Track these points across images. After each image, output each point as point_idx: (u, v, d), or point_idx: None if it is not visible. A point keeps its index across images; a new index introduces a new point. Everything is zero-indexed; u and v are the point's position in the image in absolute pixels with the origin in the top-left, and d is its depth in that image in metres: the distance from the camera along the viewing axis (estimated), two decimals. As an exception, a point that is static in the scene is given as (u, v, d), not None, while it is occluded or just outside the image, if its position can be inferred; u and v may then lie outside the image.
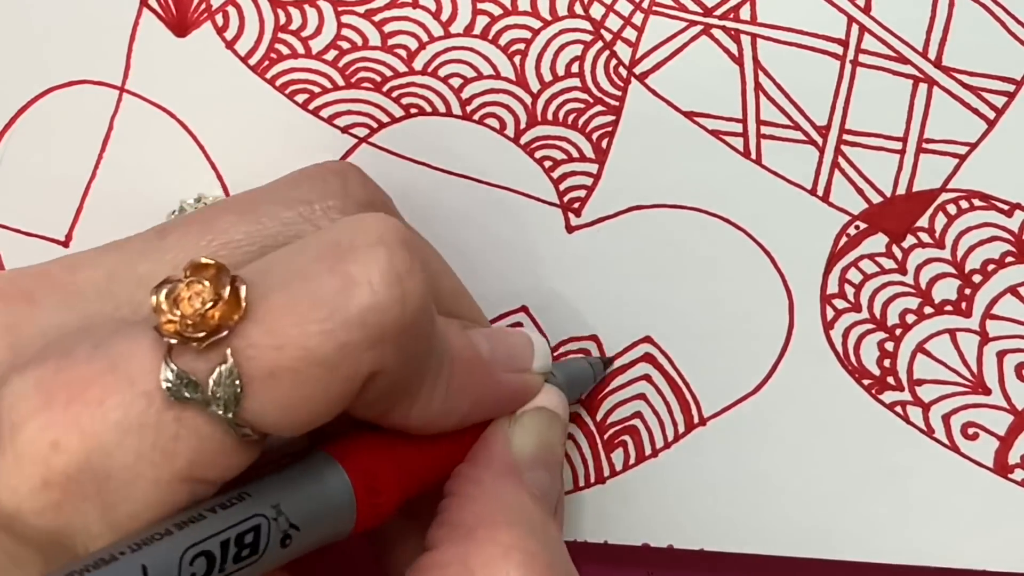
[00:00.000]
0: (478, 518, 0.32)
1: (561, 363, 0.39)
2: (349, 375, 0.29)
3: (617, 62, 0.39)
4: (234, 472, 0.29)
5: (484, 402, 0.35)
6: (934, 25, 0.38)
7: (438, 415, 0.33)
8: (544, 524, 0.33)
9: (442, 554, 0.32)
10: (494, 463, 0.34)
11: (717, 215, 0.39)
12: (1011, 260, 0.39)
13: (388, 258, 0.29)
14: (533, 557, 0.31)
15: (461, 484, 0.34)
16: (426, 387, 0.32)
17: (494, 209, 0.40)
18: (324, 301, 0.28)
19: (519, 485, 0.34)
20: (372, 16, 0.39)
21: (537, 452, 0.35)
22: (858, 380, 0.40)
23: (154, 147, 0.40)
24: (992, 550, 0.40)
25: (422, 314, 0.29)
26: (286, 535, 0.30)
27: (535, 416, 0.36)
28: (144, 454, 0.28)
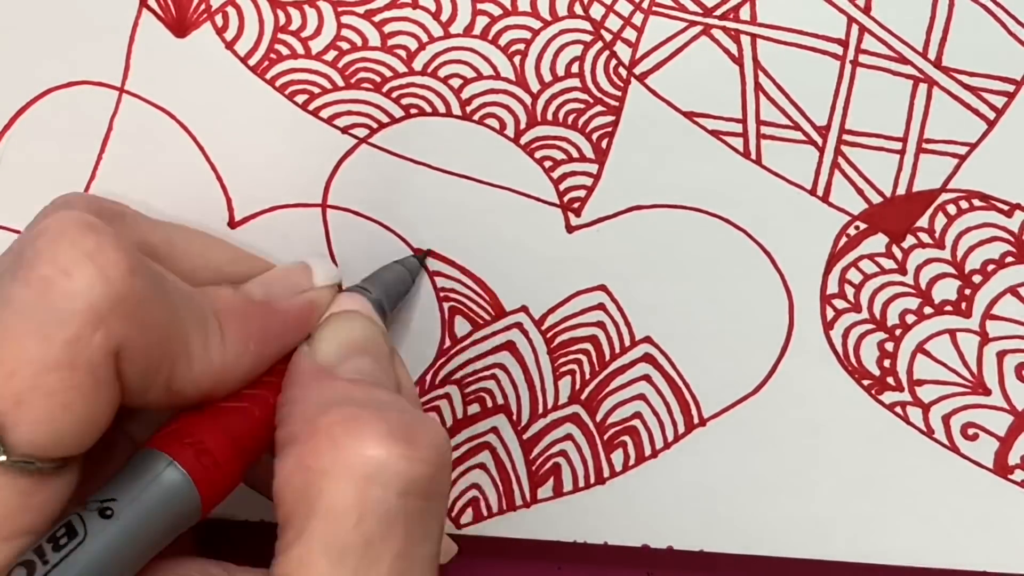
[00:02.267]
0: (298, 423, 0.32)
1: (372, 274, 0.39)
2: (90, 364, 0.29)
3: (617, 62, 0.39)
4: (52, 508, 0.30)
5: (271, 335, 0.35)
6: (934, 25, 0.38)
7: (224, 367, 0.33)
8: (367, 394, 0.33)
9: (281, 472, 0.32)
10: (300, 377, 0.34)
11: (717, 215, 0.39)
12: (1011, 260, 0.39)
13: (72, 246, 0.29)
14: (356, 421, 0.31)
15: (280, 411, 0.34)
16: (195, 347, 0.32)
17: (494, 209, 0.40)
18: (30, 311, 0.29)
19: (331, 379, 0.34)
20: (372, 16, 0.39)
21: (342, 346, 0.35)
22: (858, 380, 0.40)
23: (154, 148, 0.40)
24: (992, 551, 0.40)
25: (134, 280, 0.30)
26: (105, 508, 0.30)
27: (327, 322, 0.36)
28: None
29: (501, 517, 0.41)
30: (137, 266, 0.30)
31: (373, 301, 0.37)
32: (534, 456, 0.41)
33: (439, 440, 0.32)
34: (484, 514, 0.41)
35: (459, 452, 0.41)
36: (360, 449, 0.31)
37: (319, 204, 0.40)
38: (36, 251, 0.30)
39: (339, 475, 0.30)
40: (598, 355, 0.40)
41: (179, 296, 0.32)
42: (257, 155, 0.40)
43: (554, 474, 0.41)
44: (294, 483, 0.31)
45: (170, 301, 0.31)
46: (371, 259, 0.40)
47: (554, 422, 0.41)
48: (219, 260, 0.37)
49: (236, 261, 0.38)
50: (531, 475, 0.41)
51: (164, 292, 0.31)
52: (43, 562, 0.29)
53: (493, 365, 0.40)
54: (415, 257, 0.40)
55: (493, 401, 0.41)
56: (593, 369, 0.40)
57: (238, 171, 0.40)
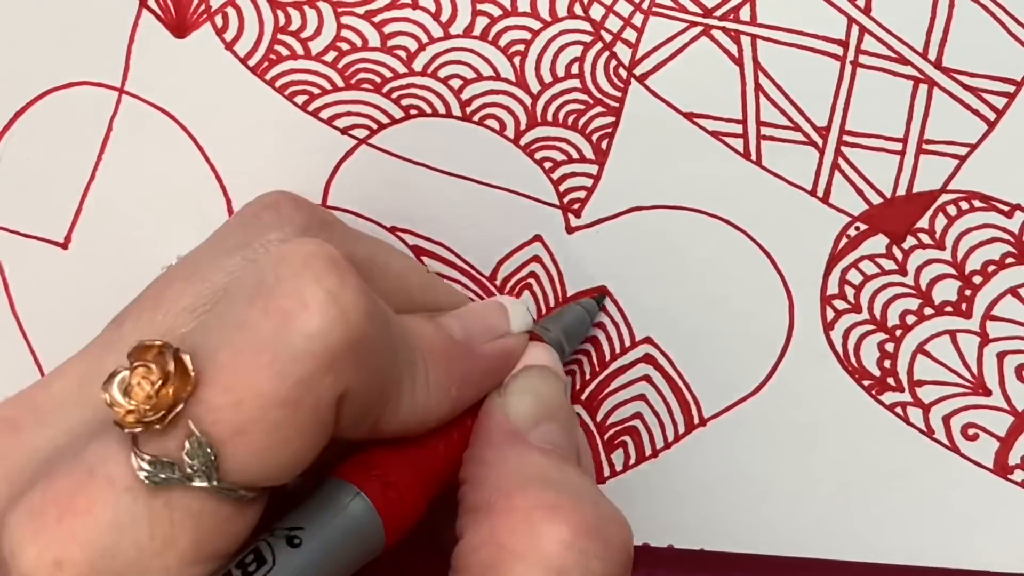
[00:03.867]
0: (493, 492, 0.32)
1: (553, 315, 0.39)
2: (315, 406, 0.29)
3: (617, 63, 0.39)
4: (243, 535, 0.30)
5: (472, 380, 0.34)
6: (934, 26, 0.38)
7: (428, 409, 0.33)
8: (562, 473, 0.33)
9: (470, 539, 0.31)
10: (493, 436, 0.34)
11: (717, 216, 0.39)
12: (1011, 261, 0.39)
13: (316, 281, 0.29)
14: (555, 509, 0.31)
15: (469, 468, 0.34)
16: (405, 388, 0.32)
17: (494, 210, 0.40)
18: (266, 343, 0.28)
19: (525, 447, 0.34)
20: (372, 17, 0.39)
21: (536, 409, 0.35)
22: (858, 381, 0.40)
23: (153, 148, 0.40)
24: (992, 550, 0.40)
25: (369, 325, 0.29)
26: (293, 536, 0.30)
27: (524, 376, 0.36)
28: (145, 547, 0.28)
29: (501, 517, 0.41)
30: (374, 311, 0.29)
31: (553, 342, 0.37)
32: (534, 456, 0.41)
33: (629, 540, 0.32)
34: (484, 514, 0.41)
35: (459, 452, 0.41)
36: (558, 541, 0.30)
37: (319, 205, 0.40)
38: (279, 279, 0.29)
39: (534, 564, 0.30)
40: (598, 355, 0.40)
41: (397, 334, 0.32)
42: (257, 156, 0.40)
43: (554, 474, 0.41)
44: (482, 555, 0.31)
45: (393, 342, 0.31)
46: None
47: (554, 422, 0.41)
48: (413, 283, 0.36)
49: (427, 287, 0.37)
50: (531, 475, 0.41)
51: (389, 335, 0.31)
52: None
53: (493, 365, 0.40)
54: (594, 299, 0.40)
55: (493, 401, 0.41)
56: (593, 369, 0.40)
57: (238, 172, 0.40)
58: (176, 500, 0.28)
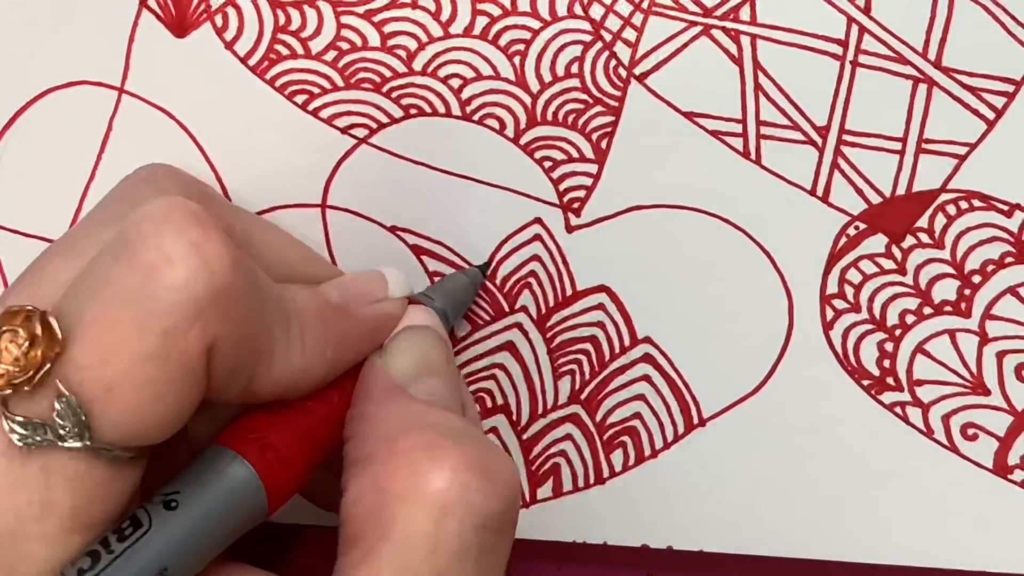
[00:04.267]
0: (375, 443, 0.32)
1: (436, 283, 0.39)
2: (183, 358, 0.29)
3: (617, 62, 0.39)
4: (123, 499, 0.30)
5: (348, 342, 0.34)
6: (934, 26, 0.38)
7: (303, 369, 0.33)
8: (443, 419, 0.33)
9: (354, 490, 0.32)
10: (374, 392, 0.34)
11: (717, 215, 0.39)
12: (1011, 261, 0.39)
13: (178, 234, 0.29)
14: (436, 449, 0.31)
15: (352, 425, 0.34)
16: (278, 347, 0.32)
17: (494, 209, 0.40)
18: (131, 298, 0.28)
19: (406, 399, 0.34)
20: (372, 17, 0.39)
21: (417, 364, 0.35)
22: (857, 381, 0.40)
23: (153, 148, 0.40)
24: (991, 551, 0.40)
25: (235, 275, 0.29)
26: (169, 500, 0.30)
27: (403, 334, 0.36)
28: (23, 512, 0.28)
29: (501, 517, 0.41)
30: (239, 261, 0.30)
31: (437, 311, 0.37)
32: (533, 456, 0.41)
33: (514, 475, 0.32)
34: (484, 514, 0.41)
35: (459, 452, 0.41)
36: (440, 479, 0.30)
37: (319, 204, 0.40)
38: (141, 235, 0.29)
39: (416, 502, 0.30)
40: (598, 355, 0.40)
41: (269, 293, 0.32)
42: (257, 155, 0.40)
43: (554, 474, 0.41)
44: (366, 503, 0.31)
45: (262, 298, 0.31)
46: (371, 260, 0.40)
47: (554, 422, 0.41)
48: (292, 258, 0.37)
49: (307, 261, 0.37)
50: (531, 475, 0.41)
51: (258, 288, 0.31)
52: (108, 552, 0.29)
53: (493, 365, 0.40)
54: (477, 268, 0.40)
55: (493, 401, 0.41)
56: (593, 369, 0.40)
57: (238, 171, 0.40)
58: (52, 463, 0.28)
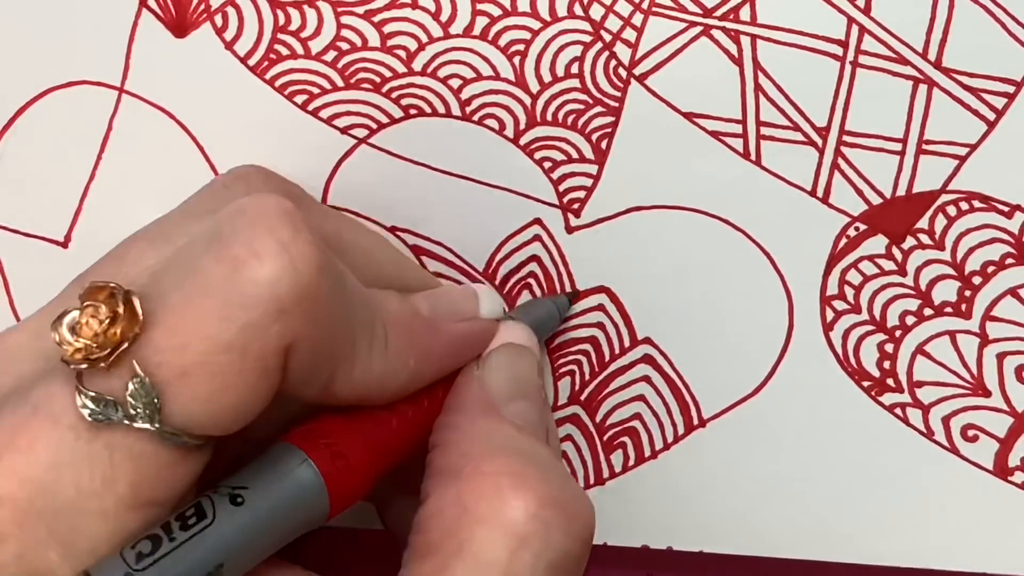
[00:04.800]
0: (463, 458, 0.32)
1: (523, 306, 0.39)
2: (262, 353, 0.29)
3: (617, 63, 0.39)
4: (184, 485, 0.30)
5: (433, 356, 0.35)
6: (934, 26, 0.38)
7: (384, 377, 0.33)
8: (532, 447, 0.33)
9: (435, 501, 0.32)
10: (469, 405, 0.34)
11: (717, 216, 0.39)
12: (1011, 262, 0.39)
13: (268, 232, 0.29)
14: (523, 478, 0.31)
15: (441, 433, 0.34)
16: (360, 351, 0.32)
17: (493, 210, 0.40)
18: (216, 288, 0.29)
19: (498, 419, 0.34)
20: (371, 17, 0.39)
21: (511, 384, 0.35)
22: (858, 382, 0.40)
23: (153, 148, 0.40)
24: (992, 552, 0.40)
25: (320, 278, 0.29)
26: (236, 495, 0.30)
27: (501, 352, 0.36)
28: (84, 487, 0.28)
29: (500, 518, 0.41)
30: (326, 264, 0.30)
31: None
32: (533, 457, 0.41)
33: (591, 520, 0.32)
34: (483, 515, 0.41)
35: (459, 453, 0.41)
36: (523, 509, 0.31)
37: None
38: (233, 228, 0.29)
39: (496, 528, 0.30)
40: (597, 356, 0.40)
41: (356, 298, 0.32)
42: (257, 155, 0.40)
43: (553, 475, 0.41)
44: (447, 517, 0.31)
45: (348, 301, 0.31)
46: (371, 259, 0.40)
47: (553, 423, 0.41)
48: (383, 261, 0.37)
49: (399, 265, 0.38)
50: (530, 476, 0.41)
51: (344, 292, 0.31)
52: (169, 539, 0.29)
53: (493, 366, 0.40)
54: (565, 296, 0.40)
55: (493, 402, 0.41)
56: (592, 370, 0.40)
57: (237, 171, 0.40)
58: (118, 441, 0.28)
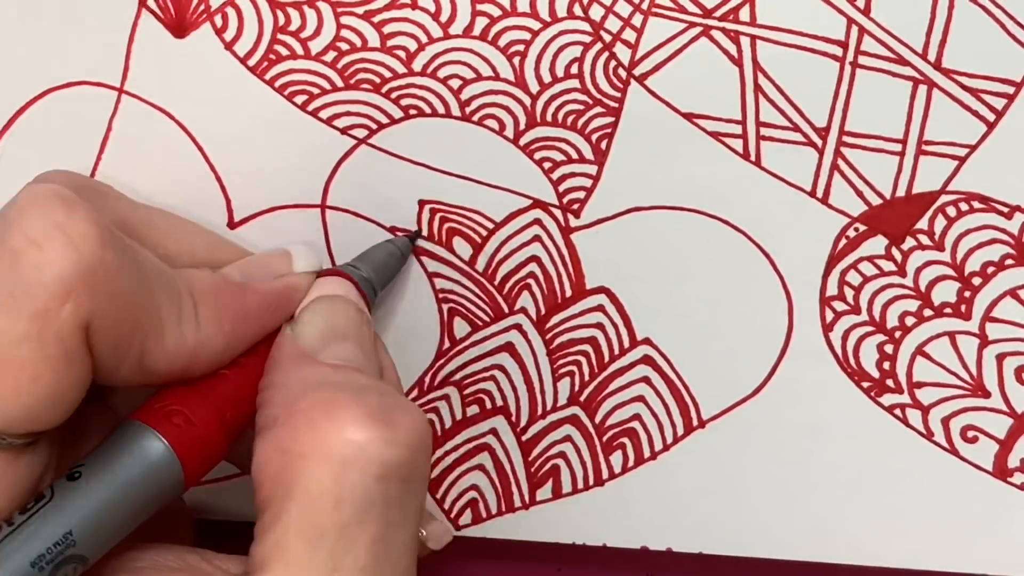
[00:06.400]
0: (280, 407, 0.32)
1: (362, 253, 0.39)
2: (59, 336, 0.29)
3: (616, 63, 0.39)
4: (25, 484, 0.30)
5: (248, 316, 0.35)
6: (934, 27, 0.38)
7: (200, 344, 0.33)
8: (347, 378, 0.33)
9: (259, 454, 0.32)
10: (283, 361, 0.34)
11: (716, 217, 0.39)
12: (1011, 263, 0.39)
13: (42, 216, 0.29)
14: (334, 404, 0.31)
15: (262, 394, 0.34)
16: (168, 323, 0.32)
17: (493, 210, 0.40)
18: (0, 284, 0.29)
19: (312, 364, 0.34)
20: (371, 17, 0.39)
21: (324, 331, 0.35)
22: (857, 383, 0.40)
23: (153, 148, 0.40)
24: (991, 554, 0.40)
25: (104, 251, 0.30)
26: (73, 472, 0.31)
27: (311, 305, 0.36)
28: None
29: (500, 519, 0.41)
30: (108, 238, 0.30)
31: (362, 280, 0.37)
32: (533, 457, 0.41)
33: (418, 424, 0.32)
34: (483, 515, 0.41)
35: (458, 454, 0.41)
36: (338, 432, 0.31)
37: (318, 205, 0.40)
38: (7, 222, 0.30)
39: (316, 458, 0.30)
40: (597, 357, 0.40)
41: (153, 271, 0.32)
42: (256, 156, 0.40)
43: (553, 476, 0.41)
44: (272, 466, 0.31)
45: (143, 275, 0.31)
46: (370, 260, 0.40)
47: (553, 424, 0.41)
48: (197, 245, 0.37)
49: (214, 248, 0.38)
50: (530, 477, 0.41)
51: (137, 266, 0.31)
52: (8, 524, 0.30)
53: (492, 367, 0.40)
54: (407, 237, 0.40)
55: (492, 403, 0.41)
56: (592, 371, 0.40)
57: (237, 172, 0.40)
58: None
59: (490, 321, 0.40)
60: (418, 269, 0.40)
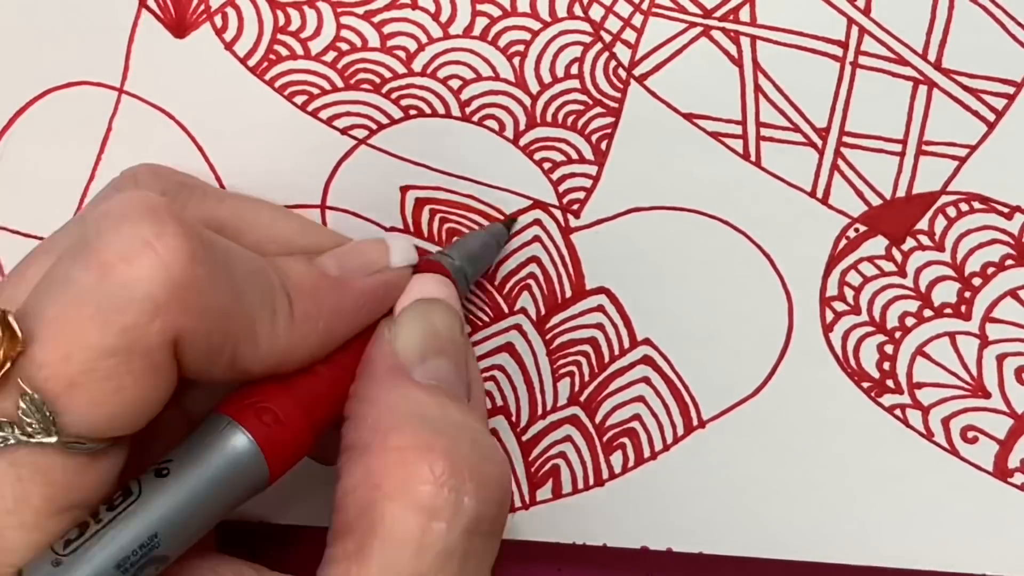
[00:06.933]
0: (371, 432, 0.32)
1: (457, 242, 0.39)
2: (146, 351, 0.29)
3: (616, 64, 0.39)
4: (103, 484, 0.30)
5: (343, 314, 0.34)
6: (934, 27, 0.38)
7: (294, 343, 0.33)
8: (443, 410, 0.33)
9: (348, 479, 0.32)
10: (378, 372, 0.34)
11: (716, 217, 0.39)
12: (1011, 263, 0.39)
13: (131, 231, 0.29)
14: (429, 449, 0.31)
15: (352, 405, 0.34)
16: (261, 326, 0.32)
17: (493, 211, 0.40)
18: (89, 296, 0.29)
19: (407, 384, 0.34)
20: (371, 17, 0.39)
21: (423, 342, 0.35)
22: (857, 383, 0.40)
23: (153, 148, 0.40)
24: (991, 554, 0.40)
25: (195, 267, 0.30)
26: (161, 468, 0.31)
27: (411, 310, 0.36)
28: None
29: (500, 519, 0.41)
30: (198, 252, 0.30)
31: (456, 270, 0.37)
32: (533, 458, 0.41)
33: (504, 478, 0.32)
34: (483, 516, 0.41)
35: (458, 454, 0.41)
36: (429, 481, 0.31)
37: (318, 205, 0.40)
38: (96, 232, 0.30)
39: (404, 504, 0.31)
40: (597, 357, 0.40)
41: (246, 274, 0.32)
42: (256, 156, 0.40)
43: (553, 476, 0.41)
44: (358, 497, 0.31)
45: (235, 283, 0.31)
46: (370, 260, 0.40)
47: (553, 424, 0.41)
48: (288, 232, 0.37)
49: (306, 233, 0.37)
50: (530, 477, 0.41)
51: (228, 275, 0.31)
52: (96, 521, 0.30)
53: (492, 367, 0.40)
54: (502, 224, 0.40)
55: (492, 403, 0.41)
56: (592, 371, 0.40)
57: (237, 172, 0.40)
58: (21, 459, 0.29)
59: (490, 321, 0.40)
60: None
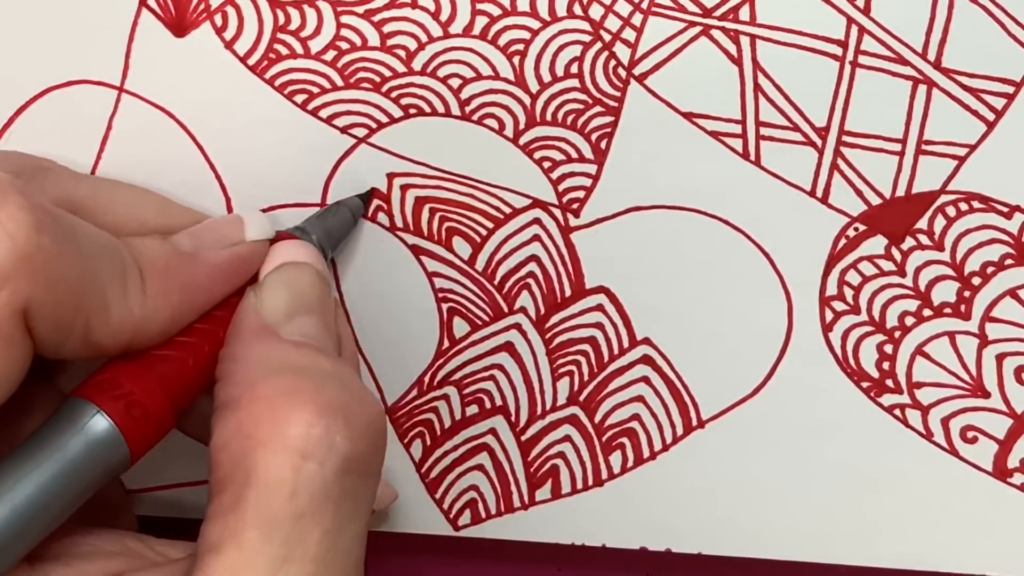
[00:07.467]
0: (240, 386, 0.32)
1: (312, 217, 0.39)
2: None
3: (616, 63, 0.39)
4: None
5: (197, 287, 0.35)
6: (933, 26, 0.38)
7: (148, 317, 0.33)
8: (310, 360, 0.33)
9: (219, 435, 0.32)
10: (245, 332, 0.34)
11: (716, 216, 0.39)
12: (1010, 263, 0.39)
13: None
14: (296, 393, 0.31)
15: (221, 366, 0.34)
16: (113, 298, 0.32)
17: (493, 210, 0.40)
18: None
19: (274, 340, 0.34)
20: (371, 16, 0.39)
21: (288, 302, 0.35)
22: (857, 383, 0.39)
23: (153, 147, 0.40)
24: (991, 554, 0.40)
25: (39, 235, 0.30)
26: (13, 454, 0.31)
27: (275, 273, 0.36)
28: None
29: (499, 519, 0.41)
30: (43, 222, 0.30)
31: (315, 244, 0.37)
32: (532, 458, 0.41)
33: (377, 418, 0.32)
34: (482, 516, 0.41)
35: (457, 454, 0.41)
36: (299, 424, 0.31)
37: (318, 204, 0.40)
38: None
39: (276, 448, 0.31)
40: (597, 357, 0.40)
41: (95, 248, 0.32)
42: (256, 155, 0.40)
43: (552, 476, 0.41)
44: (231, 449, 0.31)
45: (83, 254, 0.32)
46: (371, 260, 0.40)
47: (552, 424, 0.41)
48: (145, 211, 0.37)
49: (164, 212, 0.38)
50: (529, 477, 0.41)
51: (76, 246, 0.31)
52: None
53: (492, 366, 0.40)
54: (357, 197, 0.40)
55: (491, 402, 0.41)
56: (592, 371, 0.40)
57: (237, 171, 0.40)
58: None
59: (489, 321, 0.40)
60: (418, 269, 0.40)
